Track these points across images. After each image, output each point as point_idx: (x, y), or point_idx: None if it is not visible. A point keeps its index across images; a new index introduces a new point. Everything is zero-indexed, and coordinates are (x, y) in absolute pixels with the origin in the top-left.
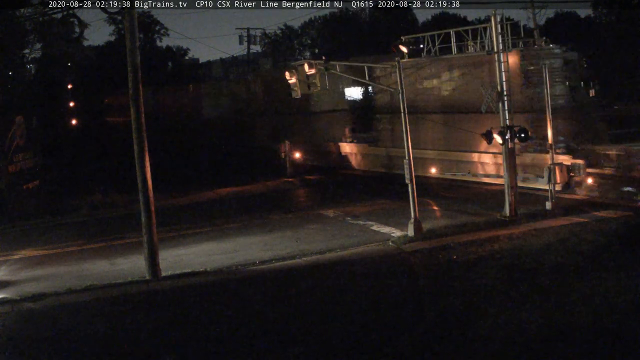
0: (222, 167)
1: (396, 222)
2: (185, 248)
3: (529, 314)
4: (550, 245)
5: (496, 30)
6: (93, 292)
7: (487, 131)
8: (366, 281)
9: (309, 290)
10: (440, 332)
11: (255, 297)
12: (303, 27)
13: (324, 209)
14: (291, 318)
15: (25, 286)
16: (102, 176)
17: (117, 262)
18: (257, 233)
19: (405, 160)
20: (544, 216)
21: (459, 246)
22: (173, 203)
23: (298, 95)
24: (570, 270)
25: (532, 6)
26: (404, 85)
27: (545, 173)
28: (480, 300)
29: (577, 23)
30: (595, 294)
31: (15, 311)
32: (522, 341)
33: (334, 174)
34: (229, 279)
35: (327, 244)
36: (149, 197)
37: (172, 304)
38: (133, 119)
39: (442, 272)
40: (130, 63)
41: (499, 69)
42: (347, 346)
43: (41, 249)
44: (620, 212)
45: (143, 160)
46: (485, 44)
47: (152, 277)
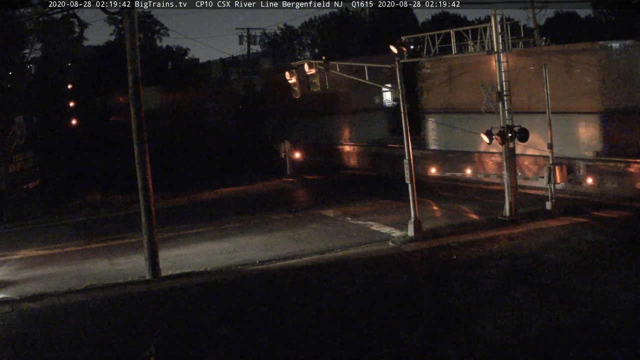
0: (227, 167)
1: (396, 221)
2: (185, 248)
3: (529, 314)
4: (550, 245)
5: (496, 30)
6: (93, 292)
7: (487, 131)
8: (366, 281)
9: (308, 290)
10: (440, 332)
11: (255, 297)
12: (303, 27)
13: (324, 209)
14: (291, 318)
15: (25, 286)
16: (102, 176)
17: (117, 262)
18: (257, 233)
19: (405, 160)
20: (544, 216)
21: (459, 246)
22: (173, 203)
23: (298, 96)
24: (570, 270)
25: (532, 6)
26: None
27: (545, 173)
28: (480, 300)
29: (577, 23)
30: (595, 294)
31: (15, 311)
32: (522, 341)
33: (333, 174)
34: (229, 279)
35: (327, 244)
36: (149, 197)
37: (172, 304)
38: (133, 119)
39: (442, 272)
40: (130, 63)
41: (499, 69)
42: (347, 346)
43: (41, 249)
44: (620, 212)
45: (143, 160)
46: (485, 44)
47: (152, 277)
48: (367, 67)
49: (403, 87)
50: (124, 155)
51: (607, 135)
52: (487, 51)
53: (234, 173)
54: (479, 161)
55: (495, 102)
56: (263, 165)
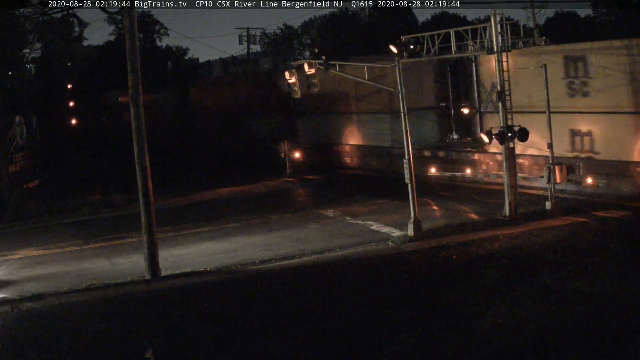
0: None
1: (396, 222)
2: (185, 248)
3: (529, 314)
4: (550, 245)
5: (496, 30)
6: (93, 292)
7: (487, 131)
8: (366, 281)
9: (308, 290)
10: (440, 332)
11: (255, 297)
12: (303, 27)
13: (324, 209)
14: (291, 318)
15: (25, 286)
16: (102, 176)
17: (117, 262)
18: (257, 233)
19: (405, 160)
20: (544, 216)
21: (459, 246)
22: (173, 203)
23: (298, 96)
24: (570, 270)
25: (532, 6)
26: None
27: (545, 173)
28: (480, 300)
29: (577, 23)
30: (595, 294)
31: (15, 311)
32: (522, 341)
33: (332, 174)
34: (229, 279)
35: (327, 244)
36: (149, 197)
37: (172, 303)
38: (133, 119)
39: (442, 272)
40: (130, 63)
41: (499, 69)
42: (347, 346)
43: (41, 249)
44: (620, 212)
45: (143, 160)
46: (485, 43)
47: (152, 277)
48: (367, 67)
49: (403, 87)
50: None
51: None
52: (487, 51)
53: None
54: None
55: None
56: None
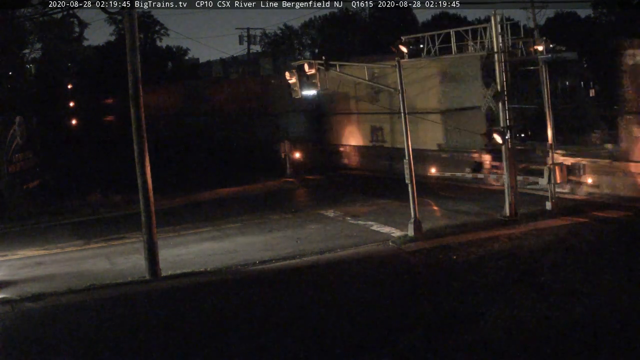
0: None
1: (396, 222)
2: (185, 248)
3: (528, 314)
4: (550, 245)
5: (496, 30)
6: (93, 292)
7: (487, 130)
8: (366, 281)
9: (308, 290)
10: (440, 332)
11: (255, 297)
12: (303, 27)
13: (324, 209)
14: (291, 318)
15: (25, 286)
16: (102, 176)
17: (117, 262)
18: (257, 233)
19: (405, 160)
20: (544, 216)
21: (459, 246)
22: (173, 203)
23: (298, 96)
24: (570, 270)
25: (532, 6)
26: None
27: (545, 173)
28: (480, 300)
29: (577, 23)
30: (595, 294)
31: (15, 311)
32: (522, 341)
33: (332, 174)
34: (229, 279)
35: (327, 244)
36: (149, 197)
37: (172, 303)
38: (133, 119)
39: (442, 272)
40: (130, 63)
41: (499, 69)
42: (347, 346)
43: (41, 249)
44: (620, 212)
45: (143, 160)
46: (485, 44)
47: (152, 277)
48: (367, 67)
49: (402, 87)
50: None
51: None
52: (487, 51)
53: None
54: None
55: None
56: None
